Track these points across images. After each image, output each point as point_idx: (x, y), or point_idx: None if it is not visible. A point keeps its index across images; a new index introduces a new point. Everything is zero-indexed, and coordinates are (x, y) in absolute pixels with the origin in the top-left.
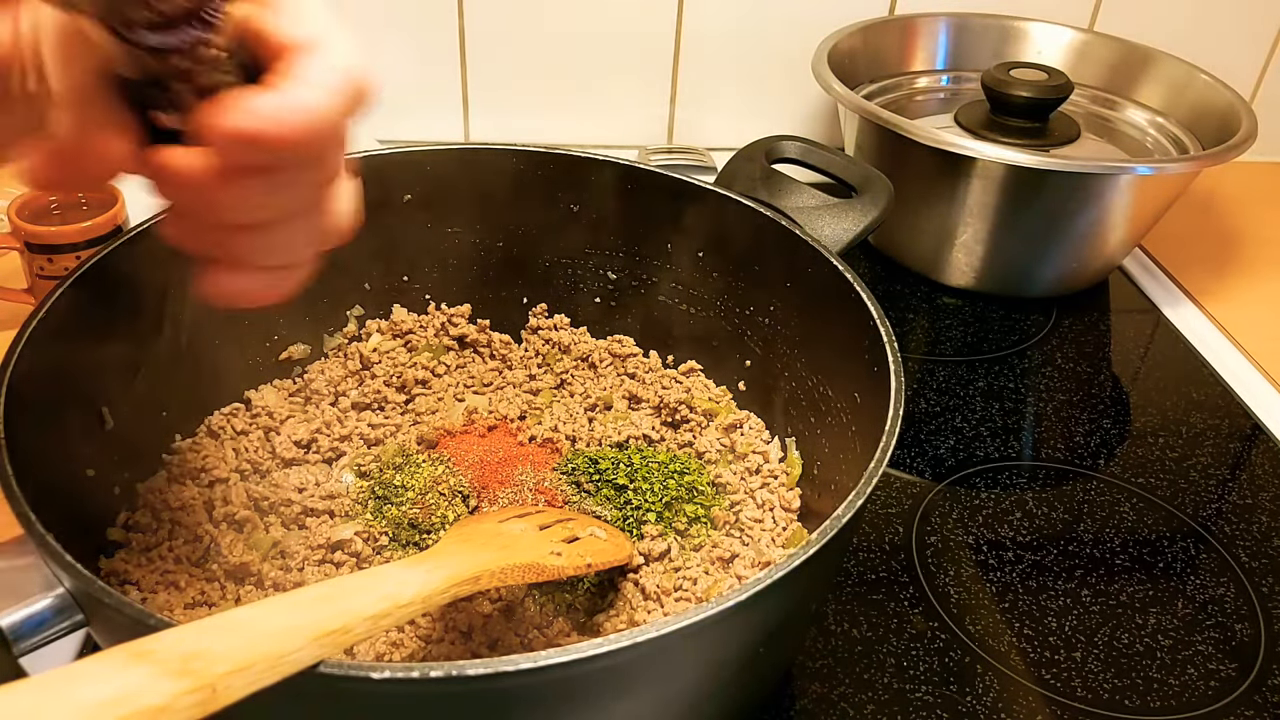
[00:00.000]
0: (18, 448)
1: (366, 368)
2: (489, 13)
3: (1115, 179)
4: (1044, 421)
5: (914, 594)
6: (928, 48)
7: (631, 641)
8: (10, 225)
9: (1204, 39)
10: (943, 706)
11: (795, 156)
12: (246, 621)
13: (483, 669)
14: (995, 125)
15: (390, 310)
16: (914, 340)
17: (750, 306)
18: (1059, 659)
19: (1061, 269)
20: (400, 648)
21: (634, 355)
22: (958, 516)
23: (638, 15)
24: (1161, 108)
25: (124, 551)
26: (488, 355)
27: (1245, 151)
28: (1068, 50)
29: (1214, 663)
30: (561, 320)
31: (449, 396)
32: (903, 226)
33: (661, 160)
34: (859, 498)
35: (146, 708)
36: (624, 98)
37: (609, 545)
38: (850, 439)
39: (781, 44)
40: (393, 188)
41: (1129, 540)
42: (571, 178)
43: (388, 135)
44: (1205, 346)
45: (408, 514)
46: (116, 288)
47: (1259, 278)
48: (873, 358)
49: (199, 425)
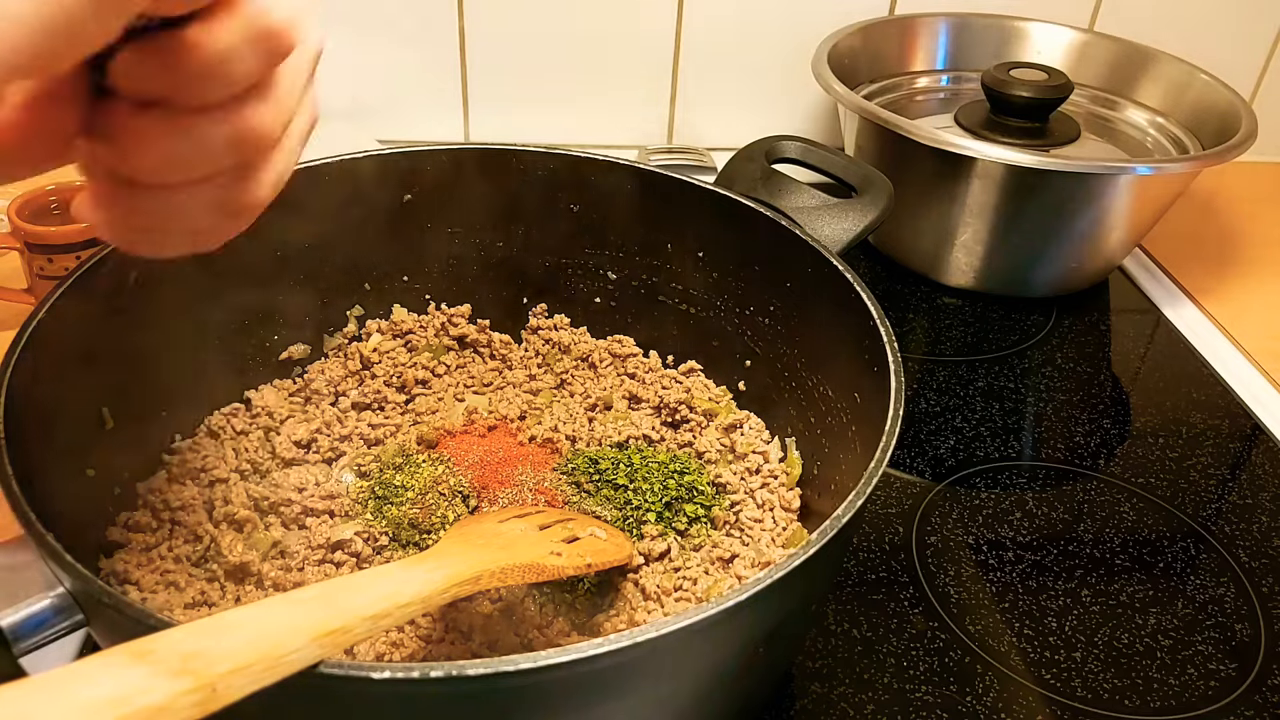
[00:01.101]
0: (18, 448)
1: (366, 368)
2: (489, 13)
3: (1115, 179)
4: (1044, 421)
5: (914, 594)
6: (928, 48)
7: (631, 641)
8: (10, 225)
9: (1204, 39)
10: (943, 706)
11: (795, 156)
12: (246, 621)
13: (483, 669)
14: (995, 125)
15: (390, 310)
16: (914, 340)
17: (750, 306)
18: (1059, 659)
19: (1061, 269)
20: (400, 648)
21: (634, 355)
22: (958, 516)
23: (638, 15)
24: (1161, 108)
25: (124, 551)
26: (488, 355)
27: (1245, 151)
28: (1068, 50)
29: (1214, 663)
30: (561, 320)
31: (449, 396)
32: (903, 226)
33: (661, 160)
34: (859, 498)
35: (146, 707)
36: (624, 98)
37: (609, 545)
38: (850, 439)
39: (781, 44)
40: (393, 188)
41: (1129, 540)
42: (572, 178)
43: (388, 135)
44: (1205, 346)
45: (408, 514)
46: (116, 287)
47: (1259, 278)
48: (873, 358)
49: (199, 425)
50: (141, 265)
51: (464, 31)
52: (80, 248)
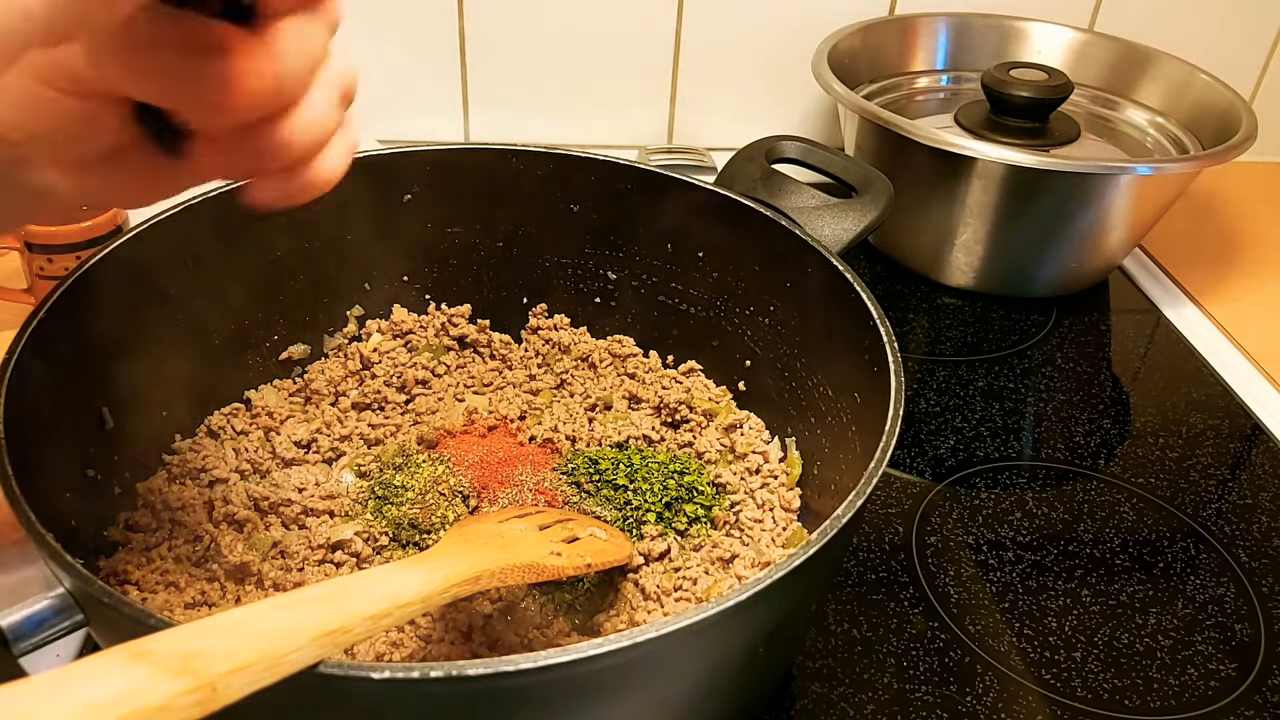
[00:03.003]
0: (18, 448)
1: (366, 368)
2: (489, 13)
3: (1115, 179)
4: (1044, 421)
5: (914, 594)
6: (928, 48)
7: (631, 641)
8: None
9: (1204, 39)
10: (943, 706)
11: (795, 157)
12: (246, 621)
13: (483, 669)
14: (995, 125)
15: (390, 310)
16: (914, 340)
17: (750, 307)
18: (1059, 659)
19: (1061, 269)
20: (400, 648)
21: (634, 355)
22: (958, 516)
23: (638, 15)
24: (1161, 108)
25: (124, 551)
26: (488, 355)
27: (1245, 151)
28: (1068, 50)
29: (1214, 663)
30: (561, 320)
31: (449, 396)
32: (903, 226)
33: (661, 160)
34: (859, 498)
35: (146, 707)
36: (624, 98)
37: (609, 545)
38: (850, 439)
39: (781, 44)
40: (393, 187)
41: (1129, 540)
42: (572, 178)
43: (388, 135)
44: (1205, 346)
45: (408, 514)
46: (117, 288)
47: (1259, 278)
48: (873, 358)
49: (199, 425)
50: (142, 265)
51: (464, 31)
52: (80, 248)
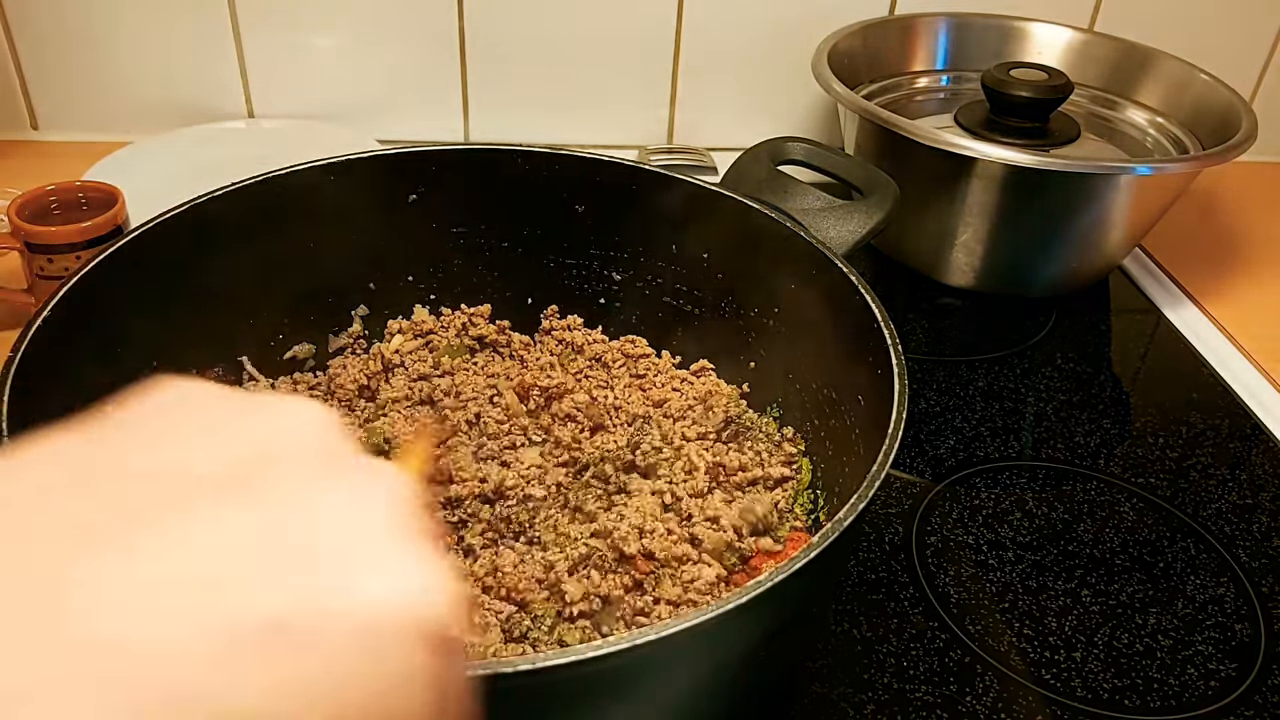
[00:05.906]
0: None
1: (388, 369)
2: (489, 13)
3: (1115, 179)
4: (1044, 421)
5: (914, 594)
6: (928, 48)
7: (631, 642)
8: (10, 225)
9: (1204, 39)
10: (943, 706)
11: (800, 158)
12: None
13: (483, 669)
14: (995, 125)
15: (393, 309)
16: (914, 340)
17: (754, 308)
18: (1059, 659)
19: (1061, 269)
20: None
21: (646, 356)
22: (958, 516)
23: (638, 15)
24: (1161, 108)
25: None
26: (506, 355)
27: (1245, 151)
28: (1068, 50)
29: (1214, 663)
30: (575, 321)
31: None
32: (903, 226)
33: (662, 161)
34: (861, 501)
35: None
36: (624, 98)
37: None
38: (854, 441)
39: (782, 44)
40: (397, 188)
41: (1129, 540)
42: (577, 179)
43: (387, 135)
44: (1205, 346)
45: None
46: (117, 288)
47: (1259, 278)
48: (876, 360)
49: None
50: (142, 265)
51: (464, 31)
52: (80, 248)
